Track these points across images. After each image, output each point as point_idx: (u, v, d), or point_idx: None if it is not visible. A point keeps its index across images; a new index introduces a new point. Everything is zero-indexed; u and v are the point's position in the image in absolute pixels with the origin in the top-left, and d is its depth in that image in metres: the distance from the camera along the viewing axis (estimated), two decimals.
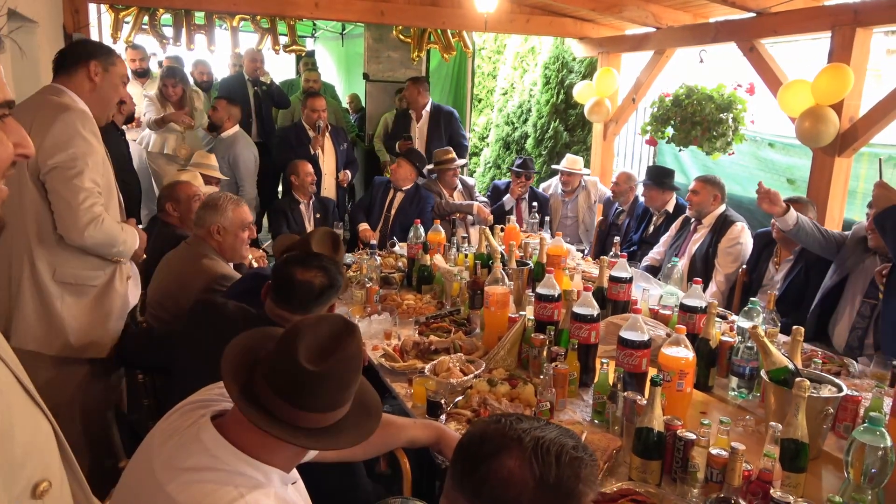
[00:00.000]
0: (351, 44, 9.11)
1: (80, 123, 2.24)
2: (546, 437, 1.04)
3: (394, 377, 2.50)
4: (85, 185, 2.21)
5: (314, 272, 2.02)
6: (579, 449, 1.06)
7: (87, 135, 2.24)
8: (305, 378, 1.17)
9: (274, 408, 1.18)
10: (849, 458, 1.58)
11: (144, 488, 1.20)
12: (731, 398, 2.39)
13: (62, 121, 2.21)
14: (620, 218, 5.21)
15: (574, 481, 1.02)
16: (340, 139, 5.51)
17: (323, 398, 1.20)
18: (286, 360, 1.18)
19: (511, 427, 1.06)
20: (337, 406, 1.23)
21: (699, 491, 1.74)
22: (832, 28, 3.94)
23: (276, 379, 1.19)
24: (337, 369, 1.19)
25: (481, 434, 1.07)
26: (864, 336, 3.05)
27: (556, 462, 1.01)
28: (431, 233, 3.82)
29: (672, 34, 5.27)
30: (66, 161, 2.19)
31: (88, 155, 2.23)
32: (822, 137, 3.91)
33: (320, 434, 1.21)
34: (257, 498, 1.14)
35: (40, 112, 2.21)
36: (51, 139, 2.18)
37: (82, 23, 4.61)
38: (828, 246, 3.33)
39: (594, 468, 1.07)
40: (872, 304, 3.09)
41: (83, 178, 2.21)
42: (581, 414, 2.25)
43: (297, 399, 1.18)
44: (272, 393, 1.18)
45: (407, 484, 1.91)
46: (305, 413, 1.19)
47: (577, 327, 2.42)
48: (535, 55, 8.52)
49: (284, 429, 1.17)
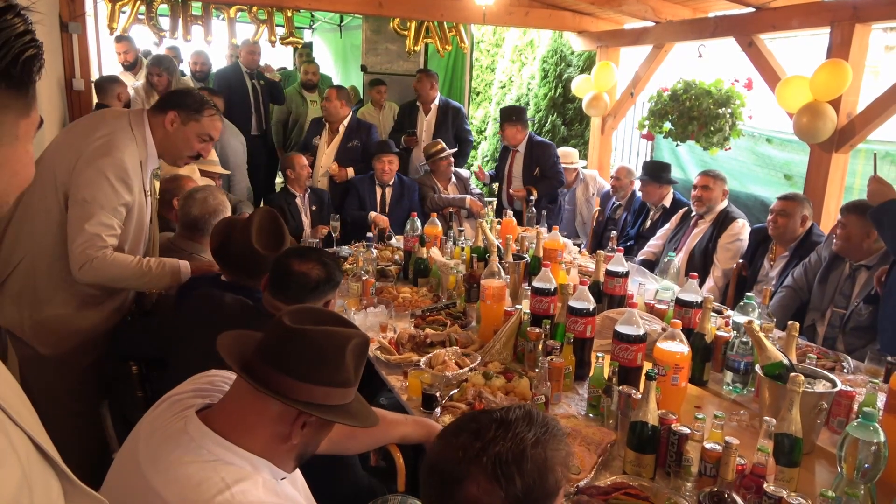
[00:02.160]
0: (349, 35, 9.07)
1: (111, 172, 2.28)
2: (504, 448, 1.02)
3: (389, 370, 2.50)
4: (88, 229, 2.26)
5: (311, 264, 2.01)
6: (536, 431, 1.05)
7: (115, 182, 2.29)
8: (287, 336, 1.20)
9: (265, 378, 1.19)
10: (842, 453, 1.58)
11: (131, 481, 1.20)
12: (725, 393, 2.40)
13: (96, 166, 2.27)
14: (617, 212, 5.21)
15: (541, 478, 1.02)
16: (352, 136, 5.28)
17: (295, 361, 1.19)
18: (275, 323, 1.23)
19: (470, 447, 1.03)
20: (320, 379, 1.20)
21: (693, 485, 1.74)
22: (831, 24, 3.94)
23: (264, 346, 1.22)
24: (312, 335, 1.20)
25: (443, 460, 1.06)
26: (833, 346, 3.06)
27: (518, 473, 1.01)
28: (428, 226, 3.82)
29: (671, 28, 5.26)
30: (83, 198, 2.26)
31: (105, 202, 2.28)
32: (820, 133, 3.92)
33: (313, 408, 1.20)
34: (244, 488, 1.13)
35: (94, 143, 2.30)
36: (83, 177, 2.26)
37: (78, 12, 4.58)
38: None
39: (555, 438, 1.06)
40: (842, 313, 3.11)
41: (91, 222, 2.26)
42: (576, 407, 2.25)
43: (274, 360, 1.19)
44: (260, 361, 1.21)
45: (401, 478, 1.91)
46: (284, 378, 1.18)
47: (572, 321, 2.42)
48: (534, 49, 8.50)
49: (277, 393, 1.18)
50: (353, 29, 8.72)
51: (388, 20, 6.24)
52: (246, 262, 2.31)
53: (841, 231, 3.12)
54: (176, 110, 2.41)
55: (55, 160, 2.31)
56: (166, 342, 2.17)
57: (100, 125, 2.36)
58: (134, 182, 2.35)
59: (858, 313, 3.02)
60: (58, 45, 4.48)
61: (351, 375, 1.25)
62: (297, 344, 1.19)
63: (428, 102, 5.79)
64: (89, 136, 2.31)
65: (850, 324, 3.05)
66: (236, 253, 2.31)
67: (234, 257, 2.33)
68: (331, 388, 1.21)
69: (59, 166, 2.29)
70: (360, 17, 7.29)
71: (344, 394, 1.24)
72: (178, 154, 2.51)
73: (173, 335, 2.16)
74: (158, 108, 2.45)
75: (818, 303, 3.24)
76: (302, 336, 1.19)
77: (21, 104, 0.81)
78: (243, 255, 2.29)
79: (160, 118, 2.42)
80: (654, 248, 4.44)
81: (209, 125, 2.48)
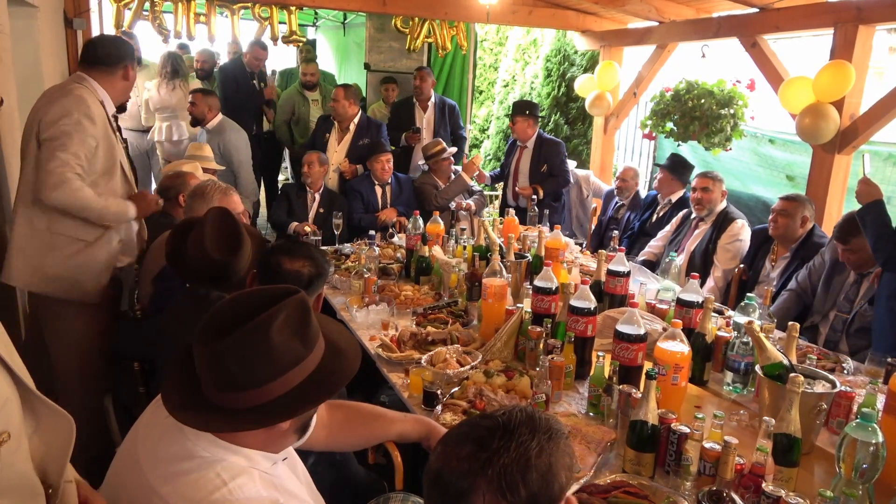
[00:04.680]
0: (352, 33, 9.06)
1: (74, 107, 2.60)
2: (508, 460, 1.01)
3: (391, 367, 2.52)
4: (60, 155, 2.54)
5: (302, 261, 1.99)
6: (539, 438, 1.04)
7: (79, 117, 2.60)
8: (207, 357, 1.13)
9: (215, 400, 1.15)
10: (841, 453, 1.59)
11: (130, 478, 1.21)
12: (725, 393, 2.40)
13: (59, 104, 2.61)
14: (620, 212, 5.20)
15: (546, 486, 1.02)
16: (363, 134, 5.27)
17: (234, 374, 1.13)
18: (195, 345, 1.15)
19: (474, 459, 1.03)
20: (269, 376, 1.14)
21: (692, 484, 1.75)
22: (835, 25, 3.94)
23: (199, 370, 1.16)
24: (235, 344, 1.12)
25: (447, 471, 1.04)
26: (835, 348, 3.07)
27: (522, 483, 1.01)
28: (430, 224, 3.83)
29: (674, 29, 5.26)
30: (53, 135, 2.56)
31: (75, 133, 2.58)
32: (823, 134, 3.92)
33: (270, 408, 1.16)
34: (241, 483, 1.14)
35: (53, 94, 2.68)
36: (49, 116, 2.58)
37: (82, 8, 4.59)
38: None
39: (558, 443, 1.06)
40: (845, 317, 3.13)
41: (64, 150, 2.55)
42: (576, 406, 2.26)
43: (213, 382, 1.14)
44: (204, 385, 1.15)
45: (399, 476, 1.92)
46: (230, 394, 1.14)
47: (573, 320, 2.43)
48: (537, 48, 8.51)
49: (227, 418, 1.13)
50: (356, 26, 8.71)
51: (391, 18, 6.24)
52: (202, 269, 2.10)
53: (853, 256, 3.10)
54: (129, 63, 2.87)
55: (34, 119, 2.64)
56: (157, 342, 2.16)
57: (53, 90, 2.75)
58: (96, 115, 2.67)
59: (863, 315, 3.04)
60: (62, 41, 4.49)
61: (296, 349, 1.17)
62: (220, 361, 1.12)
63: (426, 100, 5.81)
64: (52, 93, 2.70)
65: (855, 325, 3.06)
66: (191, 260, 2.10)
67: (190, 265, 2.12)
68: (286, 374, 1.16)
69: (36, 122, 2.61)
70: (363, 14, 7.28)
71: (304, 366, 1.18)
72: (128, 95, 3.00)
73: (163, 335, 2.14)
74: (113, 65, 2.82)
75: (821, 306, 3.24)
76: (220, 355, 1.12)
77: None
78: (198, 261, 2.07)
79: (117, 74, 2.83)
80: (655, 248, 4.44)
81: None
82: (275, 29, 5.58)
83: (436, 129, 5.80)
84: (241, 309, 1.16)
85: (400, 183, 5.16)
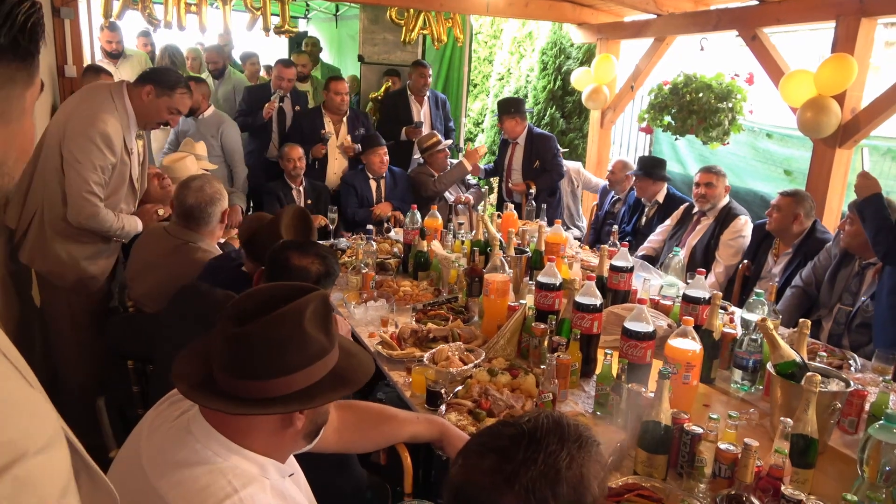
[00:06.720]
0: (345, 25, 8.96)
1: (98, 138, 2.76)
2: (536, 473, 0.95)
3: (391, 365, 2.45)
4: (83, 184, 2.76)
5: (311, 258, 1.95)
6: (569, 448, 0.98)
7: (101, 146, 2.77)
8: (236, 342, 1.10)
9: (229, 389, 1.11)
10: (864, 455, 1.55)
11: (133, 482, 1.14)
12: (733, 391, 2.36)
13: (86, 135, 2.75)
14: (616, 206, 5.16)
15: (578, 498, 0.96)
16: (357, 124, 5.25)
17: (257, 362, 1.10)
18: (218, 329, 1.13)
19: (498, 471, 0.96)
20: (293, 366, 1.12)
21: (706, 486, 1.70)
22: (836, 17, 3.89)
23: (217, 356, 1.14)
24: (261, 330, 1.09)
25: (469, 485, 0.98)
26: (838, 343, 3.04)
27: (553, 498, 0.94)
28: (428, 218, 3.76)
29: (673, 21, 5.20)
30: (75, 162, 2.76)
31: (95, 161, 2.77)
32: (824, 128, 3.88)
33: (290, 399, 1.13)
34: (252, 493, 1.09)
35: (86, 104, 2.82)
36: (75, 143, 2.75)
37: None
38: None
39: (589, 452, 1.00)
40: (848, 310, 3.11)
41: (85, 178, 2.76)
42: (583, 405, 2.21)
43: (233, 369, 1.11)
44: (220, 371, 1.12)
45: (408, 479, 1.86)
46: (253, 382, 1.10)
47: (579, 317, 2.37)
48: (533, 40, 8.44)
49: (249, 405, 1.10)
50: (349, 19, 8.61)
51: (385, 9, 6.15)
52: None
53: (849, 227, 3.13)
54: (152, 84, 2.88)
55: (59, 127, 2.79)
56: (153, 338, 2.12)
57: (87, 98, 2.85)
58: (116, 145, 2.82)
59: (865, 310, 3.01)
60: (49, 31, 4.37)
61: (323, 341, 1.15)
62: (248, 346, 1.10)
63: (423, 94, 5.74)
64: (80, 107, 2.82)
65: (857, 320, 3.04)
66: (263, 245, 2.20)
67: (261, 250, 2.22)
68: (309, 367, 1.13)
69: (62, 133, 2.77)
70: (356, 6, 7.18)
71: (325, 363, 1.16)
72: (150, 120, 2.98)
73: (161, 331, 2.11)
74: (139, 82, 2.92)
75: (826, 300, 3.22)
76: (249, 337, 1.10)
77: (26, 74, 0.77)
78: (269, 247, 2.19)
79: (139, 90, 2.88)
80: (655, 243, 4.40)
81: (179, 101, 2.95)
82: (267, 20, 5.47)
83: (433, 122, 5.74)
84: (269, 299, 1.15)
85: (395, 177, 5.10)
